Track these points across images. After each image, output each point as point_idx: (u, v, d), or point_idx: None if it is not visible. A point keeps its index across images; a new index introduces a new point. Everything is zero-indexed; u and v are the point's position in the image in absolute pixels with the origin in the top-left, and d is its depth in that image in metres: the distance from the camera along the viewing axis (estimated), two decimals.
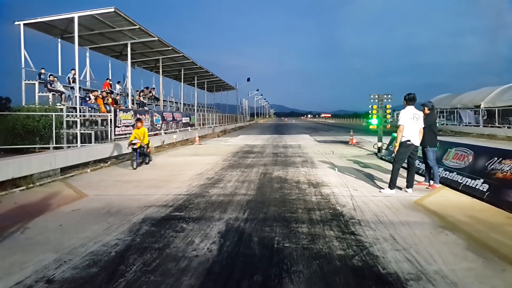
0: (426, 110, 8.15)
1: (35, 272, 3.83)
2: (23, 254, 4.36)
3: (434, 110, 8.43)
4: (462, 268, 3.93)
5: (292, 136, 29.44)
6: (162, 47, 21.01)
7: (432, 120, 8.21)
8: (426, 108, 8.17)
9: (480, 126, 29.52)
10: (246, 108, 78.17)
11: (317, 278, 3.71)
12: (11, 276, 3.76)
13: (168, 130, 21.15)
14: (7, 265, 4.02)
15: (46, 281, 3.64)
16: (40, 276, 3.75)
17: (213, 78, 37.89)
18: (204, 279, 3.69)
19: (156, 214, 6.04)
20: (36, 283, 3.59)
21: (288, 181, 9.00)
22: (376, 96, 15.09)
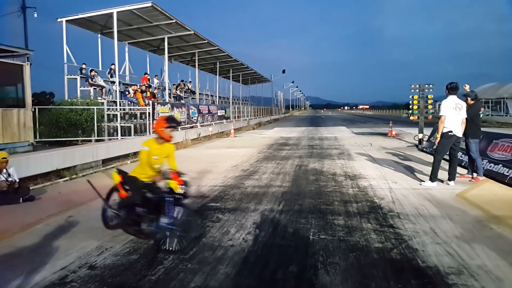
0: (470, 101, 7.79)
1: (78, 258, 4.00)
2: (67, 241, 4.56)
3: (478, 100, 8.05)
4: (508, 263, 3.75)
5: (328, 128, 29.07)
6: (197, 40, 21.24)
7: (476, 111, 7.85)
8: (469, 99, 7.82)
9: None
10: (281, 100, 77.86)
11: (353, 270, 3.65)
12: (57, 261, 3.94)
13: (204, 123, 21.41)
14: (52, 251, 4.21)
15: (88, 267, 3.79)
16: (84, 262, 3.91)
17: (248, 71, 37.95)
18: (239, 268, 3.72)
19: (193, 204, 6.11)
20: (80, 269, 3.75)
21: (324, 173, 8.89)
22: (417, 86, 14.60)
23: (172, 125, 4.48)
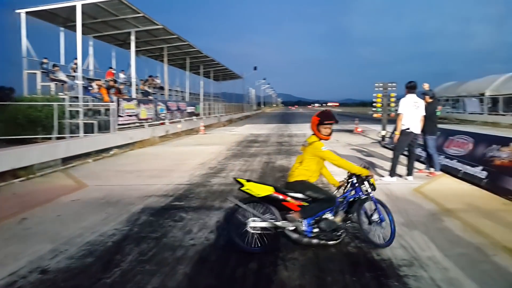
0: (428, 99, 8.09)
1: (30, 263, 3.87)
2: (19, 244, 4.40)
3: (435, 99, 8.37)
4: (455, 254, 3.98)
5: (298, 125, 29.33)
6: (167, 35, 20.88)
7: (433, 109, 8.16)
8: (428, 97, 8.12)
9: (484, 114, 29.25)
10: (253, 97, 77.91)
11: (311, 265, 3.77)
12: (5, 267, 3.77)
13: (172, 120, 21.15)
14: (1, 257, 4.03)
15: (40, 271, 3.68)
16: (35, 266, 3.78)
17: (219, 67, 37.70)
18: (200, 267, 3.75)
19: (156, 204, 6.08)
20: (30, 274, 3.62)
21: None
22: (380, 85, 14.99)
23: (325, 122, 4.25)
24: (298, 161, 4.35)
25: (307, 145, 4.27)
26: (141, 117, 16.49)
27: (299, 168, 4.26)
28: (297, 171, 4.25)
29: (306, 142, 4.31)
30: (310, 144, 4.23)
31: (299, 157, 4.38)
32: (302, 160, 4.29)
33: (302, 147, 4.39)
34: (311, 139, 4.29)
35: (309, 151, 4.24)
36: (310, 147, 4.23)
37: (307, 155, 4.26)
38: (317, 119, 4.25)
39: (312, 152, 4.21)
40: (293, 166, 4.38)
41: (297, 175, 4.23)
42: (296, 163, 4.37)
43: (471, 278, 3.41)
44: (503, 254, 3.95)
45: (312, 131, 4.34)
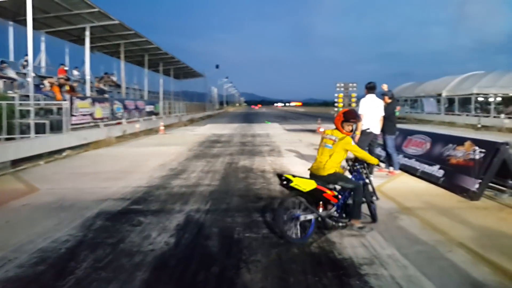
0: (387, 99, 8.29)
1: None
2: None
3: (394, 99, 8.60)
4: (413, 251, 4.09)
5: (261, 125, 29.42)
6: (124, 31, 20.24)
7: (392, 109, 8.37)
8: (387, 97, 8.32)
9: (441, 114, 30.57)
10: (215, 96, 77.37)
11: (274, 267, 3.73)
12: None
13: (130, 119, 20.53)
14: None
15: None
16: None
17: (179, 65, 37.04)
18: (159, 273, 3.62)
19: (112, 207, 5.83)
20: None
21: (253, 171, 8.98)
22: (342, 85, 15.34)
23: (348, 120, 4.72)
24: (326, 155, 4.65)
25: (337, 141, 4.61)
26: (96, 117, 15.87)
27: (329, 161, 4.60)
28: (328, 164, 4.60)
29: (335, 137, 4.66)
30: (341, 139, 4.61)
31: (326, 151, 4.67)
32: (332, 154, 4.62)
33: (330, 141, 4.67)
34: (339, 135, 4.68)
35: (340, 146, 4.61)
36: (341, 142, 4.60)
37: (337, 149, 4.61)
38: (342, 117, 4.71)
39: (343, 146, 4.60)
40: (321, 160, 4.68)
41: (329, 168, 4.59)
42: (323, 157, 4.67)
43: (429, 275, 3.50)
44: (459, 250, 4.09)
45: (336, 127, 4.78)
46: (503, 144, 6.05)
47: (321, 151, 4.76)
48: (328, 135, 4.78)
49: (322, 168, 4.63)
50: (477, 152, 6.42)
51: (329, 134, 4.80)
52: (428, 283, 3.36)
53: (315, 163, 4.78)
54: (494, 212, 5.51)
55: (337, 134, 4.70)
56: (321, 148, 4.78)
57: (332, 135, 4.73)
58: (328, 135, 4.79)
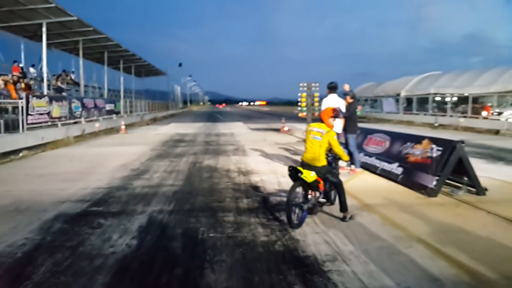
0: (348, 99, 8.46)
1: None
2: None
3: (355, 99, 8.80)
4: (374, 247, 4.19)
5: (226, 124, 29.34)
6: (82, 27, 19.55)
7: (353, 109, 8.56)
8: (348, 97, 8.49)
9: (400, 113, 31.59)
10: (179, 95, 76.22)
11: (239, 266, 3.71)
12: None
13: (89, 118, 19.88)
14: None
15: None
16: None
17: (141, 63, 36.18)
18: (120, 276, 3.52)
19: (71, 210, 5.62)
20: None
21: (218, 170, 8.92)
22: (305, 85, 15.44)
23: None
24: (317, 146, 5.03)
25: (325, 133, 5.01)
26: (53, 116, 15.24)
27: (322, 153, 5.01)
28: (322, 156, 5.01)
29: (323, 130, 5.05)
30: (328, 132, 5.02)
31: (316, 142, 5.04)
32: (322, 145, 5.00)
33: (319, 134, 5.05)
34: (326, 128, 5.08)
35: (326, 138, 4.99)
36: (328, 135, 5.00)
37: (325, 141, 4.99)
38: (331, 113, 5.14)
39: (328, 138, 4.99)
40: (315, 152, 5.04)
41: (323, 159, 5.03)
42: (315, 148, 5.04)
43: (389, 270, 3.59)
44: (418, 245, 4.22)
45: (323, 121, 5.16)
46: (459, 142, 6.30)
47: (311, 143, 5.11)
48: (316, 128, 5.16)
49: (317, 159, 5.01)
50: (434, 150, 6.67)
51: (316, 127, 5.18)
52: (388, 278, 3.44)
53: (309, 154, 5.10)
54: (451, 208, 5.72)
55: (324, 127, 5.09)
56: (310, 140, 5.13)
57: (320, 128, 5.11)
58: (316, 128, 5.17)
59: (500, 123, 19.90)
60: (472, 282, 3.36)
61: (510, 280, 3.32)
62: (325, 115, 5.17)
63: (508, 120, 19.81)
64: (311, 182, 4.85)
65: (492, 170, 8.76)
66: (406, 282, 3.36)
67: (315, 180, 4.89)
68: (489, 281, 3.37)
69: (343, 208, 5.09)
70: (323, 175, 5.05)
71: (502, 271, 3.52)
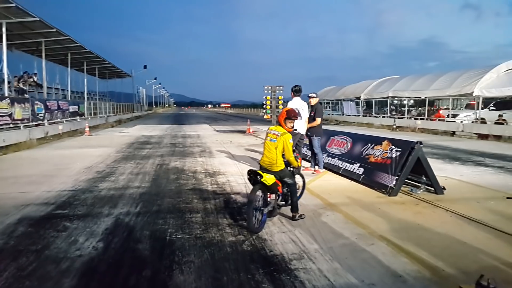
0: (313, 102, 8.70)
1: None
2: None
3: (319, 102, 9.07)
4: (338, 245, 4.34)
5: (192, 126, 29.17)
6: (44, 28, 18.95)
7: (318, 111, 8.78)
8: (312, 99, 8.73)
9: (360, 116, 32.56)
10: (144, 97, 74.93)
11: (207, 266, 3.76)
12: None
13: (53, 120, 19.31)
14: None
15: None
16: None
17: (105, 64, 35.42)
18: (87, 279, 3.49)
19: (35, 213, 5.49)
20: None
21: (185, 172, 8.92)
22: (269, 88, 15.65)
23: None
24: (272, 149, 5.03)
25: (280, 135, 5.00)
26: (15, 118, 14.75)
27: (279, 156, 5.01)
28: (279, 160, 5.01)
29: (278, 132, 5.05)
30: (283, 134, 5.00)
31: (272, 145, 5.04)
32: (277, 147, 4.99)
33: (274, 136, 5.05)
34: (281, 130, 5.07)
35: (281, 140, 4.97)
36: (283, 137, 4.98)
37: (280, 143, 4.98)
38: (285, 115, 5.13)
39: (283, 141, 4.97)
40: (272, 156, 5.03)
41: (280, 163, 5.03)
42: (272, 152, 5.03)
43: (353, 267, 3.73)
44: (380, 243, 4.40)
45: (279, 123, 5.18)
46: (417, 143, 6.60)
47: (268, 146, 5.10)
48: (273, 130, 5.15)
49: (275, 164, 5.01)
50: (393, 151, 6.98)
51: (273, 129, 5.18)
52: (353, 275, 3.57)
53: (267, 159, 5.09)
54: (410, 207, 5.98)
55: (280, 130, 5.08)
56: (267, 143, 5.12)
57: (275, 130, 5.11)
58: (273, 130, 5.16)
59: (456, 125, 20.91)
60: (433, 277, 3.51)
61: (468, 274, 3.49)
62: (280, 116, 5.25)
63: (463, 122, 20.82)
64: (270, 185, 4.89)
65: (449, 170, 9.25)
66: (370, 279, 3.48)
67: (274, 183, 4.95)
68: (448, 276, 3.53)
69: (294, 208, 5.17)
70: (281, 178, 5.10)
71: (460, 266, 3.71)
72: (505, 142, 16.47)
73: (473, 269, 3.58)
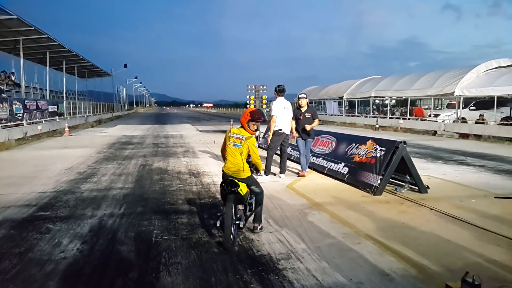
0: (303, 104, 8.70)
1: None
2: None
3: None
4: (325, 244, 4.36)
5: (174, 126, 28.97)
6: (22, 26, 18.55)
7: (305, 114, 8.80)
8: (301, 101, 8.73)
9: (343, 116, 32.88)
10: (124, 96, 74.01)
11: (195, 268, 3.72)
12: None
13: (32, 120, 18.90)
14: None
15: None
16: None
17: (84, 63, 34.86)
18: (73, 281, 3.42)
19: (17, 215, 5.37)
20: None
21: (169, 172, 8.85)
22: (253, 87, 15.63)
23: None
24: (237, 154, 4.55)
25: (245, 139, 4.56)
26: None
27: (245, 162, 4.59)
28: (245, 166, 4.59)
29: (242, 136, 4.59)
30: (248, 138, 4.57)
31: (236, 150, 4.56)
32: (242, 152, 4.55)
33: (238, 140, 4.57)
34: (245, 133, 4.62)
35: (246, 144, 4.56)
36: (248, 141, 4.56)
37: (245, 148, 4.56)
38: (248, 116, 4.62)
39: (249, 145, 4.57)
40: (237, 162, 4.54)
41: (247, 170, 4.59)
42: (237, 158, 4.55)
43: (341, 266, 3.75)
44: (366, 241, 4.44)
45: (241, 125, 4.69)
46: (401, 143, 6.69)
47: (232, 151, 4.59)
48: (235, 134, 4.65)
49: (242, 170, 4.56)
50: (378, 150, 7.06)
51: (236, 132, 4.67)
52: (340, 274, 3.58)
53: (232, 166, 4.58)
54: (395, 205, 6.04)
55: (244, 133, 4.64)
56: (231, 148, 4.60)
57: (239, 134, 4.63)
58: (235, 133, 4.66)
59: (438, 124, 21.30)
60: (419, 275, 3.55)
61: (453, 272, 3.54)
62: (243, 118, 4.70)
63: (444, 122, 21.24)
64: (244, 195, 4.49)
65: (432, 169, 9.43)
66: (357, 278, 3.49)
67: (247, 192, 4.58)
68: (434, 274, 3.57)
69: (258, 218, 4.75)
70: (249, 186, 4.64)
71: (446, 264, 3.76)
72: (485, 141, 16.86)
73: (458, 266, 3.64)
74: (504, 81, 18.80)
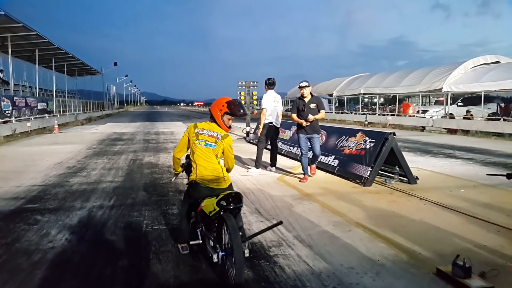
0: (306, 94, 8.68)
1: None
2: None
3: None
4: (316, 232, 4.37)
5: (165, 123, 28.86)
6: (10, 23, 18.32)
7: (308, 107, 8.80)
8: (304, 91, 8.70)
9: (333, 112, 33.03)
10: (114, 95, 73.48)
11: (186, 255, 3.68)
12: None
13: (20, 117, 18.68)
14: None
15: None
16: None
17: (74, 61, 34.57)
18: (61, 270, 3.38)
19: (4, 207, 5.32)
20: None
21: (159, 166, 8.81)
22: (243, 83, 15.59)
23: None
24: (212, 157, 3.53)
25: (221, 138, 3.56)
26: None
27: (223, 166, 3.63)
28: (225, 172, 3.62)
29: (217, 134, 3.57)
30: (224, 137, 3.58)
31: (210, 152, 3.52)
32: (217, 154, 3.56)
33: (212, 139, 3.54)
34: (221, 131, 3.60)
35: (222, 145, 3.57)
36: (225, 141, 3.57)
37: (220, 149, 3.57)
38: (226, 108, 3.58)
39: (224, 147, 3.59)
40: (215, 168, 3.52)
41: (228, 177, 3.63)
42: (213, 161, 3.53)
43: (332, 252, 3.77)
44: (357, 229, 4.46)
45: (214, 119, 3.64)
46: (391, 134, 6.74)
47: (203, 153, 3.51)
48: (206, 131, 3.59)
49: (222, 177, 3.55)
50: (367, 142, 7.09)
51: (206, 128, 3.61)
52: (332, 259, 3.60)
53: (207, 172, 3.49)
54: (385, 196, 6.08)
55: (218, 130, 3.60)
56: (202, 149, 3.52)
57: (213, 131, 3.58)
58: (206, 130, 3.60)
59: (426, 120, 21.49)
60: (410, 260, 3.58)
61: (443, 257, 3.57)
62: (215, 109, 3.63)
63: (432, 118, 21.44)
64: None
65: (420, 161, 9.51)
66: (349, 263, 3.51)
67: None
68: (425, 259, 3.61)
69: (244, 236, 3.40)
70: None
71: (436, 250, 3.80)
72: (472, 136, 17.03)
73: (449, 252, 3.67)
74: (491, 77, 19.10)
